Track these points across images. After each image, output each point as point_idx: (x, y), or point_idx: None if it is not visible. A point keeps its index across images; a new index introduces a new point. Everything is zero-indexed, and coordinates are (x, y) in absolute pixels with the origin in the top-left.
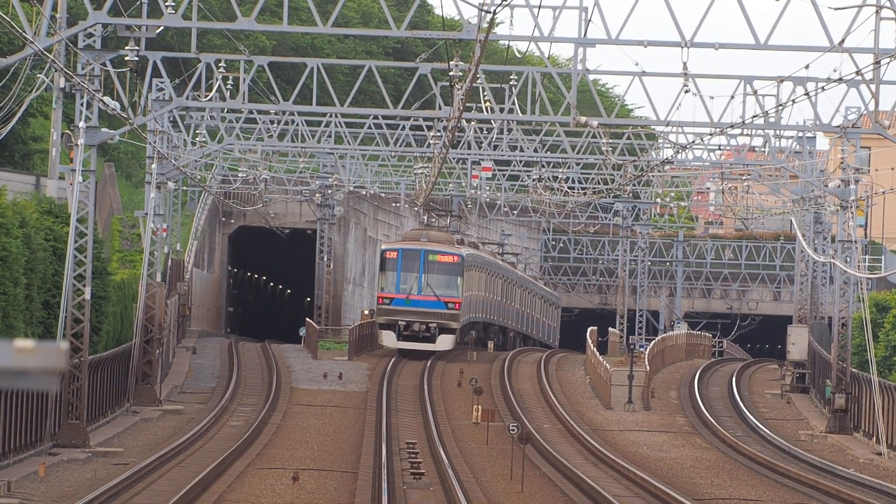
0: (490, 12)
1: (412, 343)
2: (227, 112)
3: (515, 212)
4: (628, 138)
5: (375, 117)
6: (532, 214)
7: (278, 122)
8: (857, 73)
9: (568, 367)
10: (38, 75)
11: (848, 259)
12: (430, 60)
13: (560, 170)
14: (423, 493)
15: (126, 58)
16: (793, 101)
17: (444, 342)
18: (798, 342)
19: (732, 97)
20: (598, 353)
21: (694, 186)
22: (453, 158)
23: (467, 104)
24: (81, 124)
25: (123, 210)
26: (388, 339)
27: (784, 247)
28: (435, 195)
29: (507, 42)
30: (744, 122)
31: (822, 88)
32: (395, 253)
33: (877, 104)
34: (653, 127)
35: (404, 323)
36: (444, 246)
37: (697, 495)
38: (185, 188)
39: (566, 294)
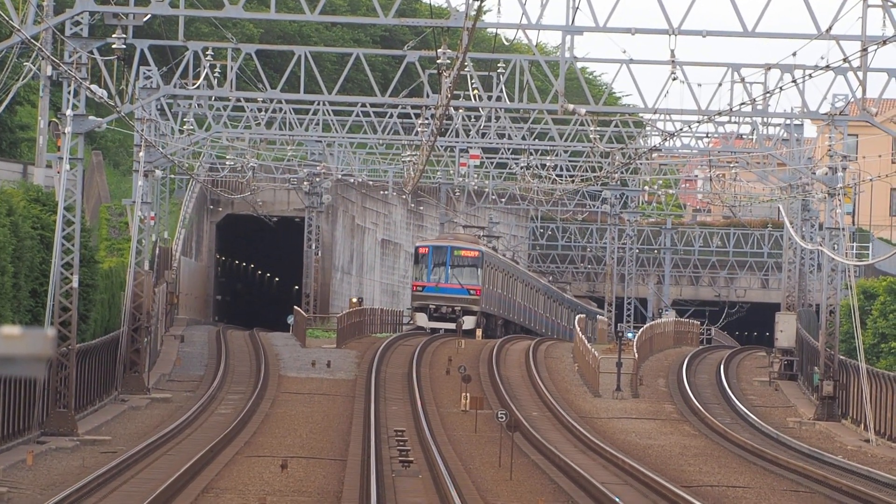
0: (478, 0)
1: (441, 323)
2: (215, 100)
3: (503, 199)
4: (616, 126)
5: (363, 105)
6: (520, 202)
7: (266, 110)
8: (845, 60)
9: (556, 355)
10: (24, 63)
11: (835, 246)
12: (418, 48)
13: (548, 157)
14: (411, 480)
15: (113, 46)
16: (780, 88)
17: (467, 322)
18: (786, 329)
19: (720, 85)
20: (586, 341)
21: (682, 174)
22: (441, 146)
23: (455, 92)
24: (69, 112)
25: (111, 198)
26: (421, 319)
27: (772, 234)
28: (423, 183)
29: (494, 30)
30: (731, 109)
31: (810, 76)
32: (427, 249)
33: (864, 91)
34: (640, 114)
35: (434, 306)
36: (467, 243)
37: (686, 482)
38: (172, 176)
39: (554, 282)
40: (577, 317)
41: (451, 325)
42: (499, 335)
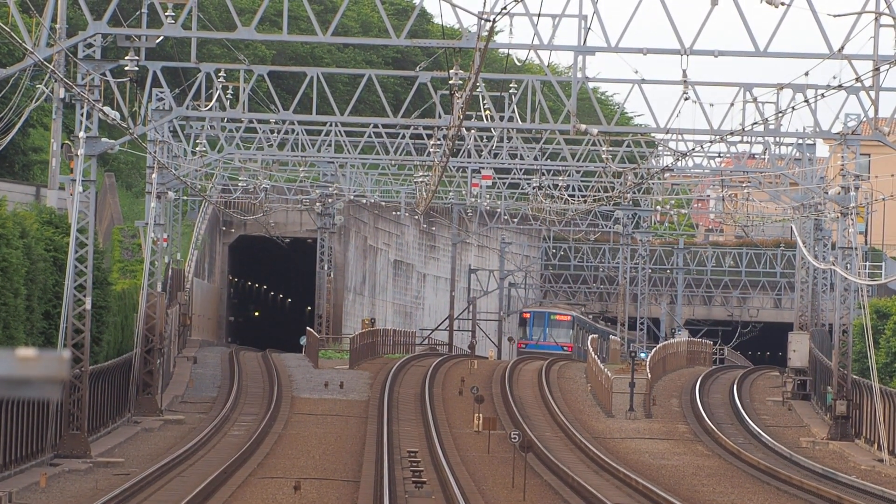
0: (490, 21)
1: None
2: (227, 121)
3: (516, 220)
4: (628, 146)
5: (375, 126)
6: (532, 222)
7: (278, 132)
8: (857, 79)
9: (569, 375)
10: (37, 86)
11: (848, 266)
12: (430, 69)
13: (560, 178)
14: (424, 501)
15: (126, 68)
16: (792, 108)
17: None
18: (799, 349)
19: (732, 104)
20: (599, 361)
21: (694, 194)
22: (453, 167)
23: (467, 112)
24: (81, 134)
25: (124, 220)
26: None
27: (784, 254)
28: (435, 203)
29: (506, 50)
30: (744, 129)
31: (822, 95)
32: (529, 314)
33: (876, 111)
34: (653, 134)
35: None
36: (562, 309)
37: (699, 502)
38: (185, 198)
39: (567, 302)
40: (588, 337)
41: None
42: None
